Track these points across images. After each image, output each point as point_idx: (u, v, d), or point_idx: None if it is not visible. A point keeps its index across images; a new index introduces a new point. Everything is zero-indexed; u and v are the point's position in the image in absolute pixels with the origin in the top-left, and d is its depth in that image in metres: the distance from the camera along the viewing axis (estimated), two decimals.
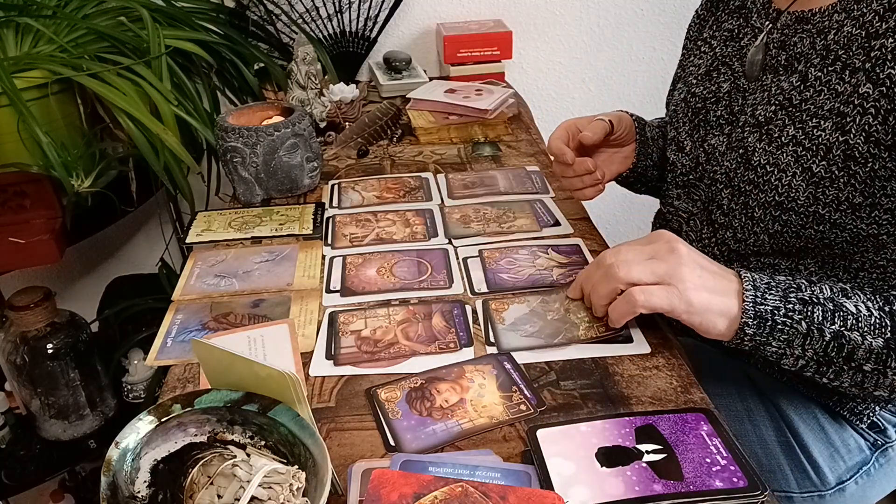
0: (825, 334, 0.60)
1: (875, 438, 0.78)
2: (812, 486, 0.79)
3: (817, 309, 0.61)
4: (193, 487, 0.49)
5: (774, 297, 0.61)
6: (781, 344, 0.62)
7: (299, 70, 1.23)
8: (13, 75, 0.97)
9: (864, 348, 0.60)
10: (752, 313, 0.61)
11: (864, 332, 0.60)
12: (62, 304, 1.22)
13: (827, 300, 0.61)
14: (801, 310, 0.61)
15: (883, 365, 0.61)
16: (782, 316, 0.61)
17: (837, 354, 0.61)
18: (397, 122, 1.27)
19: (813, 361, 0.62)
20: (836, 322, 0.60)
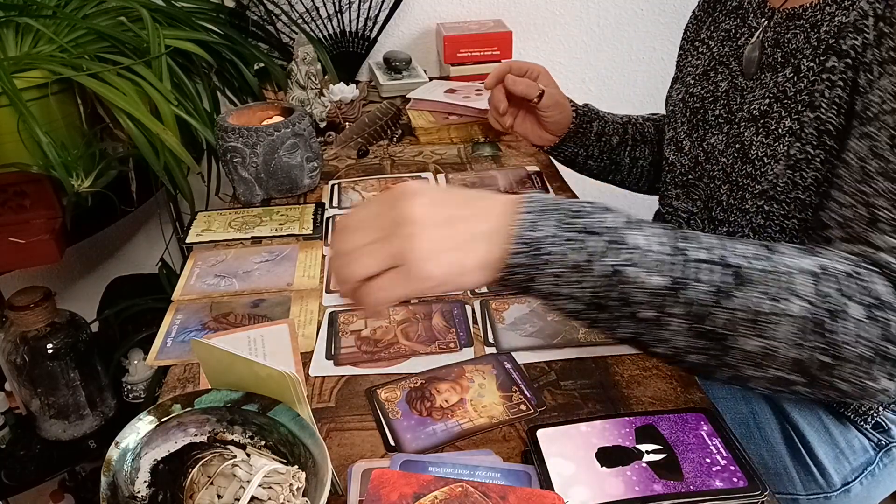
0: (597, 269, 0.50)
1: (879, 439, 0.78)
2: (818, 488, 0.79)
3: (593, 239, 0.50)
4: (193, 487, 0.49)
5: (549, 222, 0.50)
6: (555, 280, 0.50)
7: (299, 70, 1.23)
8: (13, 75, 0.97)
9: (643, 290, 0.50)
10: (523, 239, 0.50)
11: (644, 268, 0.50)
12: (62, 304, 1.22)
13: (611, 228, 0.51)
14: (574, 238, 0.50)
15: (662, 312, 0.50)
16: (555, 243, 0.50)
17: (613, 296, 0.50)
18: (397, 122, 1.27)
19: (588, 305, 0.51)
20: (611, 255, 0.50)
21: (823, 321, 0.49)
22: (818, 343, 0.49)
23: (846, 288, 0.50)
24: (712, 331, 0.50)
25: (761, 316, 0.49)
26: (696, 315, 0.50)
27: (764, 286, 0.50)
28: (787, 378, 0.51)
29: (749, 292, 0.49)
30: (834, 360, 0.49)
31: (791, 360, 0.50)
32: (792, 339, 0.49)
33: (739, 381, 0.53)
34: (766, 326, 0.49)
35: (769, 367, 0.50)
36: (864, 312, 0.49)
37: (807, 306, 0.49)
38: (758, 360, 0.50)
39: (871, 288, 0.51)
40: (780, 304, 0.49)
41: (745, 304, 0.49)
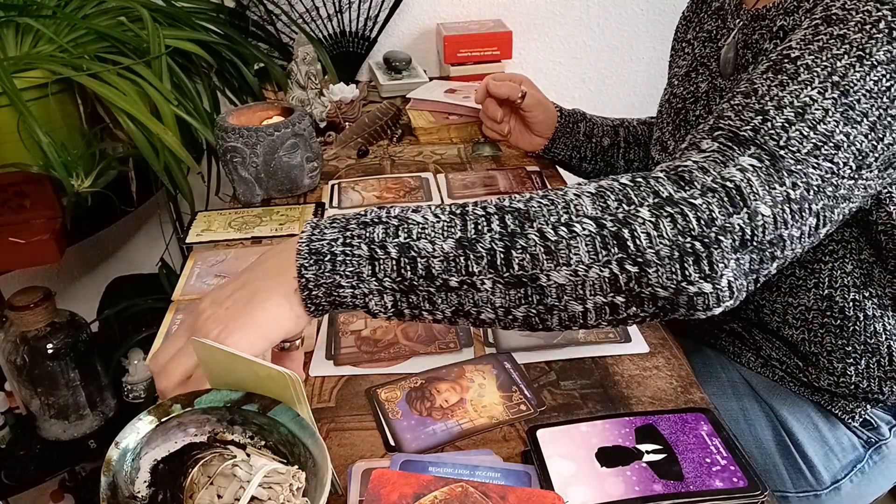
0: (389, 250, 0.50)
1: (868, 436, 0.79)
2: (808, 486, 0.79)
3: (378, 228, 0.51)
4: (193, 487, 0.49)
5: (333, 230, 0.52)
6: (352, 278, 0.51)
7: (299, 70, 1.23)
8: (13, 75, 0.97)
9: (439, 256, 0.50)
10: (307, 251, 0.51)
11: (431, 237, 0.50)
12: (62, 304, 1.22)
13: (392, 216, 0.52)
14: (360, 233, 0.51)
15: (465, 273, 0.50)
16: (341, 245, 0.51)
17: (415, 274, 0.50)
18: (397, 122, 1.27)
19: (398, 292, 0.51)
20: (399, 235, 0.51)
21: (617, 231, 0.49)
22: (619, 254, 0.49)
23: (629, 195, 0.51)
24: (519, 276, 0.50)
25: (556, 244, 0.49)
26: (497, 265, 0.50)
27: (549, 216, 0.50)
28: (611, 302, 0.51)
29: (537, 226, 0.50)
30: (640, 269, 0.49)
31: (603, 281, 0.50)
32: (593, 258, 0.49)
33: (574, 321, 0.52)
34: (564, 252, 0.49)
35: (589, 296, 0.50)
36: (652, 212, 0.49)
37: (593, 222, 0.50)
38: (574, 291, 0.50)
39: (656, 189, 0.51)
40: (569, 227, 0.50)
41: (537, 238, 0.49)
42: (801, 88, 0.54)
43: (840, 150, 0.53)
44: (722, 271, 0.49)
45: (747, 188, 0.50)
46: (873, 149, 0.53)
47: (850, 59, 0.54)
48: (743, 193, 0.50)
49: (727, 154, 0.53)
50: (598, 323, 0.53)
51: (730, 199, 0.50)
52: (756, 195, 0.50)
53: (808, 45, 0.56)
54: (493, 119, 1.06)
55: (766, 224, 0.50)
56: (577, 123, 1.06)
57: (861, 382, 0.74)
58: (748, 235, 0.50)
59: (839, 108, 0.53)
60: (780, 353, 0.78)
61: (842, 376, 0.74)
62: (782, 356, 0.78)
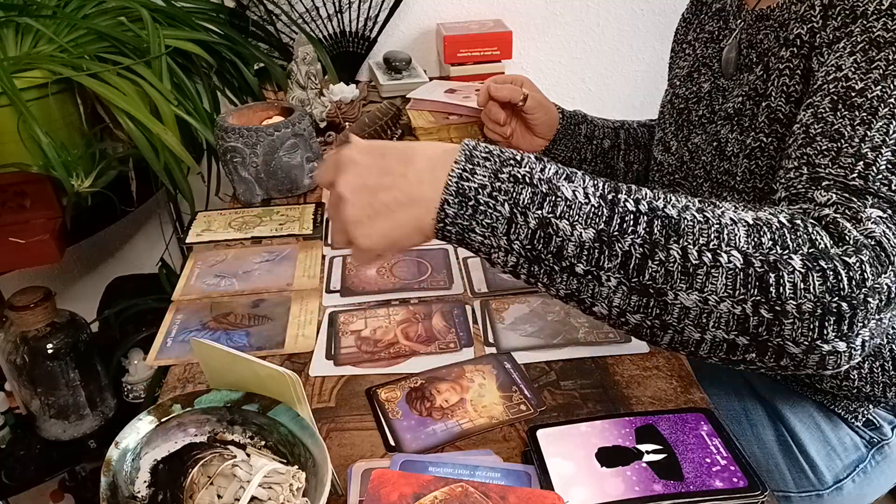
0: (529, 220, 0.49)
1: (871, 436, 0.78)
2: (810, 486, 0.79)
3: (526, 189, 0.49)
4: (193, 487, 0.49)
5: (485, 172, 0.50)
6: (487, 231, 0.50)
7: (299, 70, 1.23)
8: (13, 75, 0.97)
9: (574, 242, 0.49)
10: (455, 189, 0.50)
11: (573, 220, 0.49)
12: (62, 304, 1.21)
13: (544, 181, 0.50)
14: (508, 189, 0.50)
15: (596, 266, 0.49)
16: (486, 195, 0.50)
17: (547, 249, 0.49)
18: (397, 122, 1.27)
19: (523, 258, 0.50)
20: (544, 207, 0.49)
21: (762, 273, 0.47)
22: (757, 296, 0.47)
23: (785, 238, 0.49)
24: (647, 285, 0.48)
25: (696, 268, 0.47)
26: (628, 269, 0.48)
27: (698, 237, 0.48)
28: (732, 341, 0.49)
29: (683, 243, 0.48)
30: (775, 316, 0.47)
31: (732, 318, 0.48)
32: (729, 292, 0.47)
33: (686, 346, 0.51)
34: (701, 278, 0.47)
35: (711, 328, 0.49)
36: (805, 263, 0.47)
37: (743, 257, 0.48)
38: (698, 318, 0.48)
39: (813, 238, 0.49)
40: (715, 254, 0.48)
41: (678, 256, 0.48)
42: (886, 124, 0.54)
43: None
44: (860, 331, 0.48)
45: (887, 241, 0.49)
46: None
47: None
48: (886, 250, 0.48)
49: (852, 207, 0.51)
50: (709, 356, 0.51)
51: (877, 257, 0.48)
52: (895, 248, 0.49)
53: (868, 75, 0.56)
54: (495, 122, 1.07)
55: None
56: (578, 125, 1.06)
57: (864, 387, 0.74)
58: (893, 293, 0.48)
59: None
60: None
61: (845, 380, 0.74)
62: None
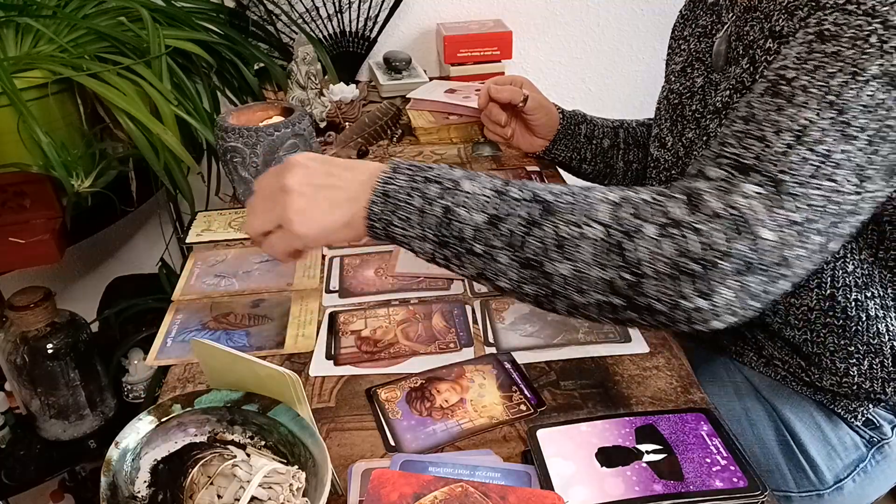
0: (435, 209, 0.59)
1: (871, 436, 0.78)
2: (810, 486, 0.79)
3: (434, 186, 0.59)
4: (193, 487, 0.49)
5: (404, 177, 0.60)
6: (404, 223, 0.60)
7: (299, 70, 1.23)
8: (13, 75, 0.97)
9: (470, 226, 0.58)
10: (381, 191, 0.60)
11: (469, 207, 0.58)
12: (62, 304, 1.21)
13: (448, 180, 0.60)
14: (420, 188, 0.60)
15: (489, 245, 0.57)
16: (404, 193, 0.60)
17: (450, 234, 0.58)
18: (397, 122, 1.27)
19: (435, 243, 0.59)
20: (446, 198, 0.59)
21: (620, 242, 0.54)
22: (618, 262, 0.54)
23: (642, 212, 0.55)
24: (531, 259, 0.56)
25: (565, 241, 0.55)
26: (514, 245, 0.57)
27: (567, 214, 0.56)
28: (609, 302, 0.55)
29: (554, 220, 0.56)
30: (636, 278, 0.54)
31: (602, 282, 0.55)
32: (595, 260, 0.55)
33: (577, 310, 0.58)
34: (570, 250, 0.55)
35: (589, 291, 0.56)
36: (658, 231, 0.54)
37: (603, 229, 0.55)
38: (577, 284, 0.56)
39: (668, 210, 0.55)
40: (580, 228, 0.55)
41: (550, 232, 0.56)
42: (797, 111, 0.56)
43: (840, 167, 0.54)
44: (719, 290, 0.53)
45: (751, 214, 0.53)
46: (871, 161, 0.54)
47: (845, 77, 0.55)
48: (747, 220, 0.53)
49: (732, 182, 0.55)
50: (600, 317, 0.57)
51: (734, 225, 0.53)
52: (759, 221, 0.53)
53: (804, 65, 0.57)
54: (496, 123, 1.07)
55: (770, 248, 0.53)
56: (578, 125, 1.07)
57: (864, 383, 0.74)
58: (751, 259, 0.53)
59: (836, 126, 0.54)
60: (782, 353, 0.78)
61: (844, 377, 0.74)
62: (785, 356, 0.78)
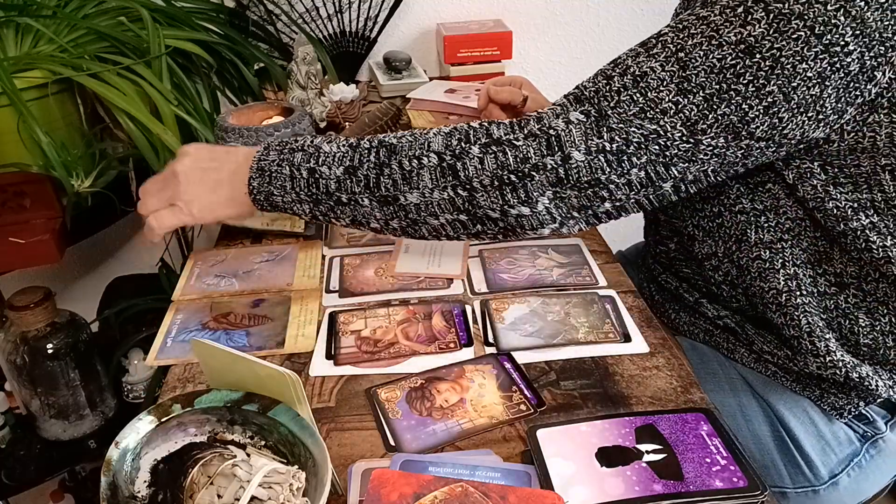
0: (302, 172, 0.67)
1: (864, 430, 0.79)
2: (805, 482, 0.79)
3: (299, 154, 0.68)
4: (193, 487, 0.49)
5: (275, 153, 0.70)
6: (280, 190, 0.69)
7: (299, 70, 1.23)
8: (13, 75, 0.97)
9: (333, 180, 0.66)
10: (256, 167, 0.69)
11: (329, 164, 0.67)
12: (62, 304, 1.21)
13: (310, 146, 0.69)
14: (288, 157, 0.68)
15: (352, 193, 0.66)
16: (276, 165, 0.69)
17: (318, 190, 0.67)
18: (397, 122, 1.27)
19: (310, 202, 0.68)
20: (310, 161, 0.68)
21: (452, 164, 0.63)
22: (453, 181, 0.63)
23: (468, 136, 0.64)
24: (386, 196, 0.65)
25: (410, 173, 0.64)
26: (371, 187, 0.66)
27: (408, 150, 0.65)
28: (457, 219, 0.65)
29: (399, 157, 0.65)
30: (469, 193, 0.63)
31: (446, 202, 0.64)
32: (434, 184, 0.64)
33: (438, 233, 0.67)
34: (415, 179, 0.64)
35: (438, 214, 0.65)
36: (481, 150, 0.63)
37: (437, 157, 0.64)
38: (428, 209, 0.65)
39: (490, 132, 0.63)
40: (419, 160, 0.64)
41: (396, 168, 0.65)
42: (646, 60, 0.61)
43: (667, 115, 0.59)
44: (538, 199, 0.62)
45: (566, 136, 0.61)
46: (704, 117, 0.58)
47: (701, 39, 0.59)
48: (561, 140, 0.61)
49: (564, 108, 0.63)
50: (458, 236, 0.67)
51: (548, 144, 0.61)
52: (572, 143, 0.61)
53: (677, 25, 0.62)
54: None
55: (580, 168, 0.61)
56: None
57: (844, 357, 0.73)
58: (562, 175, 0.61)
59: (675, 80, 0.59)
60: (770, 346, 0.78)
61: (826, 356, 0.73)
62: (773, 349, 0.78)
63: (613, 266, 0.86)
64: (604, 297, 0.80)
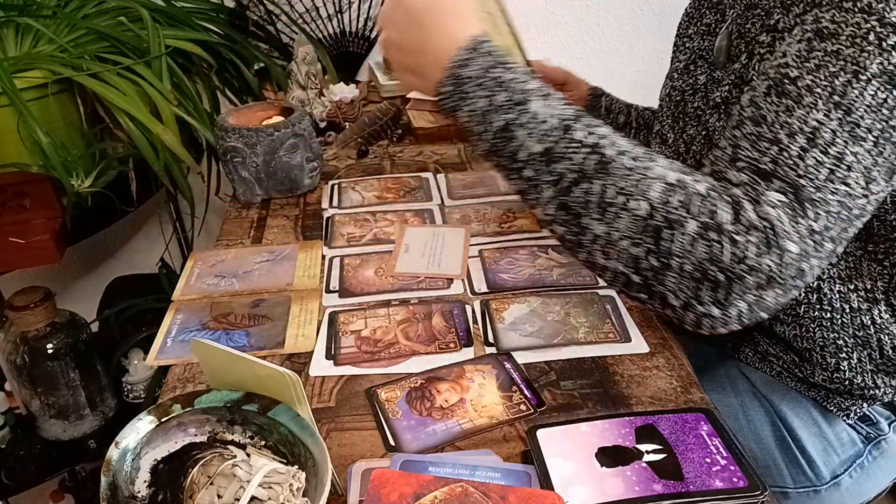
0: (498, 119, 0.59)
1: (868, 431, 0.79)
2: (807, 482, 0.79)
3: (503, 94, 0.59)
4: (193, 487, 0.49)
5: (477, 67, 0.61)
6: (467, 115, 0.61)
7: (299, 70, 1.23)
8: (13, 75, 0.97)
9: (525, 150, 0.58)
10: (450, 74, 0.62)
11: (530, 131, 0.58)
12: (62, 304, 1.21)
13: (519, 92, 0.59)
14: (490, 87, 0.60)
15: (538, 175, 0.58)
16: (473, 86, 0.61)
17: (504, 146, 0.59)
18: (397, 122, 1.27)
19: (490, 144, 0.61)
20: (511, 112, 0.59)
21: (659, 226, 0.54)
22: (650, 245, 0.54)
23: (691, 204, 0.54)
24: (571, 206, 0.57)
25: (609, 205, 0.55)
26: (560, 187, 0.57)
27: (620, 180, 0.55)
28: (628, 276, 0.56)
29: (606, 181, 0.55)
30: (661, 266, 0.54)
31: (628, 256, 0.55)
32: (630, 234, 0.55)
33: (595, 268, 0.59)
34: (611, 215, 0.55)
35: (612, 258, 0.56)
36: (698, 230, 0.53)
37: (649, 208, 0.54)
38: (604, 247, 0.56)
39: (715, 212, 0.54)
40: (627, 199, 0.55)
41: (598, 190, 0.56)
42: (807, 113, 0.55)
43: (852, 170, 0.54)
44: (735, 302, 0.53)
45: (780, 226, 0.53)
46: (876, 163, 0.54)
47: (847, 76, 0.54)
48: (776, 231, 0.53)
49: (758, 188, 0.55)
50: (612, 284, 0.59)
51: (766, 239, 0.52)
52: (786, 233, 0.53)
53: (805, 64, 0.57)
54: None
55: (792, 261, 0.53)
56: (599, 97, 1.11)
57: (855, 377, 0.74)
58: (774, 274, 0.53)
59: (846, 128, 0.54)
60: (776, 349, 0.78)
61: (835, 371, 0.74)
62: (779, 352, 0.78)
63: None
64: (604, 297, 0.80)
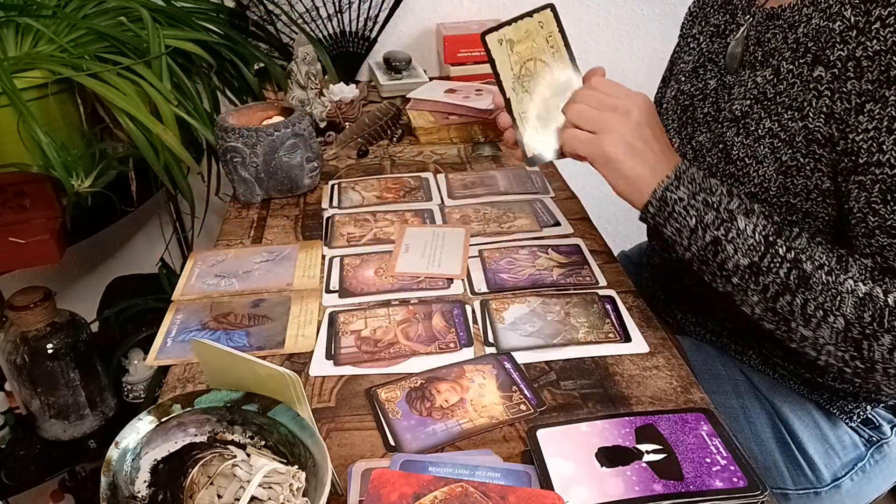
0: (706, 236, 0.66)
1: (870, 435, 0.78)
2: (808, 483, 0.79)
3: (711, 213, 0.66)
4: (193, 487, 0.49)
5: (686, 191, 0.67)
6: (673, 231, 0.69)
7: (299, 70, 1.23)
8: (13, 75, 0.97)
9: (733, 262, 0.65)
10: (659, 195, 0.68)
11: (737, 247, 0.65)
12: (62, 304, 1.21)
13: (725, 210, 0.66)
14: (699, 209, 0.67)
15: (745, 283, 0.66)
16: (681, 208, 0.67)
17: (713, 258, 0.67)
18: (397, 122, 1.27)
19: (696, 258, 0.69)
20: (720, 229, 0.66)
21: (858, 340, 0.61)
22: (853, 353, 0.62)
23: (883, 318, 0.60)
24: (778, 311, 0.65)
25: (811, 316, 0.63)
26: (767, 297, 0.65)
27: (818, 295, 0.63)
28: (841, 368, 0.64)
29: (806, 295, 0.63)
30: (868, 367, 0.62)
31: (837, 357, 0.63)
32: (833, 342, 0.63)
33: (807, 356, 0.66)
34: (813, 325, 0.63)
35: (823, 354, 0.64)
36: (892, 341, 0.60)
37: (845, 324, 0.61)
38: (813, 346, 0.64)
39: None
40: (825, 313, 0.62)
41: (799, 303, 0.63)
42: None
43: None
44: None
45: None
46: None
47: None
48: None
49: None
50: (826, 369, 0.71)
51: None
52: None
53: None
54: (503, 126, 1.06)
55: None
56: None
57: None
58: None
59: None
60: (781, 352, 0.78)
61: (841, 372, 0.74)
62: (785, 357, 0.78)
63: (613, 266, 0.86)
64: (604, 297, 0.80)
